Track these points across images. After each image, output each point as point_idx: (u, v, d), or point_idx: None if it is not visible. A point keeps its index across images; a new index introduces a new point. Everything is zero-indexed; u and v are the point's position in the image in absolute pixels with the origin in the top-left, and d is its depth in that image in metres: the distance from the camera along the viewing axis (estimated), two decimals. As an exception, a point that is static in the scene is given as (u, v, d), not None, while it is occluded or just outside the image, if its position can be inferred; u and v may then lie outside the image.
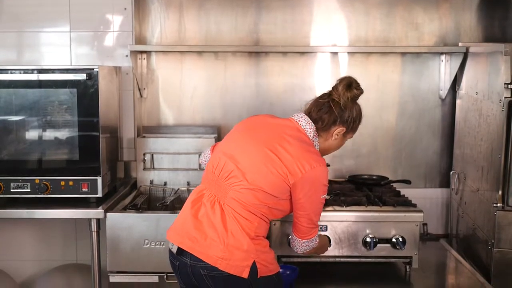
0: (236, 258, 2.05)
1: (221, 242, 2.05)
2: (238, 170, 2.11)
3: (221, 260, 2.05)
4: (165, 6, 3.32)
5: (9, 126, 2.87)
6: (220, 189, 2.14)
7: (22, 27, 3.28)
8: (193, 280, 2.13)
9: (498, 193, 2.63)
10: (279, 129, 2.21)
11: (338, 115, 2.22)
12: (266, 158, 2.10)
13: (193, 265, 2.09)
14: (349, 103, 2.22)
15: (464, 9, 3.31)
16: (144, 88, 3.37)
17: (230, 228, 2.07)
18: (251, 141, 2.18)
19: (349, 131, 2.29)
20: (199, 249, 2.08)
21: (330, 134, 2.25)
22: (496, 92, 2.66)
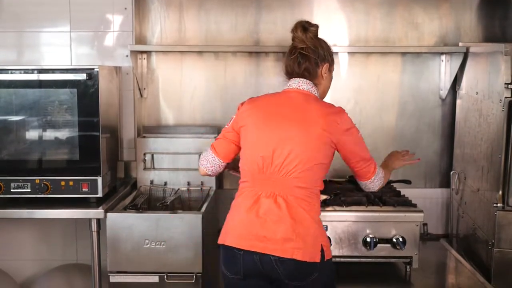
0: (309, 245, 2.10)
1: (293, 233, 2.09)
2: (288, 157, 2.14)
3: (297, 250, 2.08)
4: (165, 6, 3.32)
5: (9, 126, 2.86)
6: (277, 184, 2.16)
7: (22, 27, 3.28)
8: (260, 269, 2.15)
9: (498, 193, 2.63)
10: (290, 101, 2.26)
11: (315, 56, 2.30)
12: (304, 132, 2.16)
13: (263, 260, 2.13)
14: (315, 40, 2.32)
15: (464, 9, 3.31)
16: (144, 88, 3.37)
17: (297, 217, 2.12)
18: (281, 126, 2.20)
19: (331, 64, 2.38)
20: (272, 247, 2.10)
21: (319, 77, 2.33)
22: (496, 92, 2.66)
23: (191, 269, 2.73)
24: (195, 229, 2.72)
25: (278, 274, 2.11)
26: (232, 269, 2.19)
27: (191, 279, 2.73)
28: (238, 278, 2.18)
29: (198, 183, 3.23)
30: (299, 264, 2.08)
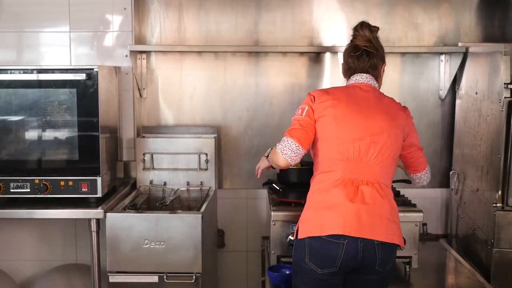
0: (400, 231, 2.29)
1: (392, 219, 2.25)
2: (383, 147, 2.27)
3: (397, 236, 2.25)
4: (164, 6, 3.32)
5: (8, 126, 2.86)
6: (372, 172, 2.26)
7: (22, 27, 3.28)
8: (358, 258, 2.21)
9: (498, 193, 2.64)
10: (369, 94, 2.37)
11: (379, 55, 2.43)
12: (393, 124, 2.30)
13: (366, 246, 2.20)
14: (377, 41, 2.46)
15: (464, 9, 3.31)
16: (143, 88, 3.37)
17: (392, 204, 2.29)
18: (373, 117, 2.30)
19: (385, 64, 2.50)
20: (378, 232, 2.20)
21: (379, 75, 2.47)
22: (496, 92, 2.67)
23: (190, 269, 2.74)
24: (195, 229, 2.72)
25: (375, 260, 2.20)
26: (325, 263, 2.20)
27: (191, 279, 2.73)
28: (329, 272, 2.21)
29: (197, 183, 3.23)
30: (395, 248, 2.25)
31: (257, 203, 3.43)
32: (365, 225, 2.19)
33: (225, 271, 3.50)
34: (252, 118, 3.39)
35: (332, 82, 3.37)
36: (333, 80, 3.37)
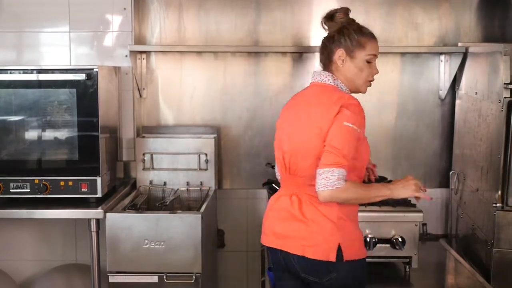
0: (320, 243, 2.11)
1: (306, 231, 2.12)
2: (292, 156, 2.19)
3: (308, 248, 2.12)
4: (164, 6, 3.32)
5: (8, 126, 2.87)
6: (293, 183, 2.20)
7: (21, 27, 3.27)
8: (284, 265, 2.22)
9: (498, 193, 2.63)
10: (303, 97, 2.29)
11: (330, 43, 2.26)
12: (303, 127, 2.17)
13: (284, 256, 2.19)
14: (338, 27, 2.27)
15: (463, 9, 3.32)
16: (143, 88, 3.37)
17: (310, 215, 2.13)
18: (288, 123, 2.25)
19: (355, 48, 2.23)
20: (287, 244, 2.16)
21: (335, 64, 2.25)
22: (496, 92, 2.67)
23: (190, 269, 2.74)
24: (195, 229, 2.72)
25: (297, 270, 2.16)
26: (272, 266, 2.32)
27: (191, 279, 2.73)
28: (277, 276, 2.30)
29: (197, 183, 3.23)
30: (311, 261, 2.11)
31: (257, 203, 3.43)
32: (276, 236, 2.20)
33: (225, 271, 3.50)
34: (252, 118, 3.39)
35: (332, 82, 3.37)
36: (333, 80, 3.37)
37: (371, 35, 2.29)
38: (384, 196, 2.17)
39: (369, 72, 2.29)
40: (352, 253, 2.13)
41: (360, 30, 2.28)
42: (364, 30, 2.28)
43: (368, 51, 2.26)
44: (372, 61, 2.29)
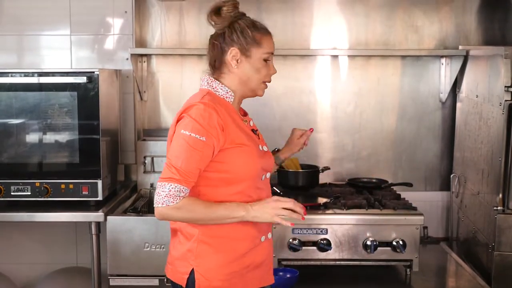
0: (176, 264, 2.01)
1: (172, 249, 2.06)
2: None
3: (168, 266, 2.06)
4: (165, 9, 3.32)
5: (9, 129, 2.86)
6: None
7: (22, 30, 3.28)
8: None
9: (499, 196, 2.63)
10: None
11: (219, 42, 2.03)
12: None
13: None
14: (227, 22, 2.01)
15: (464, 12, 3.32)
16: (144, 91, 3.37)
17: (175, 233, 2.05)
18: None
19: (251, 46, 2.00)
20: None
21: (228, 65, 2.02)
22: (496, 95, 2.66)
23: (191, 273, 2.73)
24: (195, 232, 2.72)
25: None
26: None
27: (191, 282, 2.72)
28: None
29: (198, 186, 3.22)
30: (170, 281, 2.04)
31: (258, 206, 3.42)
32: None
33: (225, 274, 3.49)
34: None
35: (333, 85, 3.38)
36: (333, 83, 3.37)
37: (266, 31, 2.05)
38: (238, 218, 1.92)
39: (266, 73, 2.06)
40: (206, 284, 1.93)
41: (254, 25, 2.02)
42: (258, 25, 2.04)
43: (265, 48, 2.03)
44: (269, 60, 2.06)
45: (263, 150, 2.08)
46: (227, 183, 1.96)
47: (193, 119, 1.90)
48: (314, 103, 3.36)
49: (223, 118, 1.93)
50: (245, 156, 1.97)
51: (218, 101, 2.00)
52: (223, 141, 1.92)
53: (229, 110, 2.01)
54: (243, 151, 1.96)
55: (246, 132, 2.03)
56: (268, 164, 2.09)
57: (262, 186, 2.06)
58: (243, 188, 1.98)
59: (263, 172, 2.05)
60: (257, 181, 2.02)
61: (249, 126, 2.12)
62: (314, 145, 3.37)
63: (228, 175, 1.95)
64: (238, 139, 1.95)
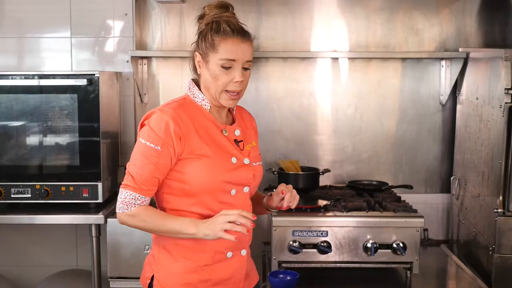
0: (144, 268, 2.03)
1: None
2: None
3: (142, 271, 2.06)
4: (165, 11, 3.33)
5: (9, 131, 2.87)
6: None
7: (23, 32, 3.28)
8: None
9: (499, 199, 2.63)
10: None
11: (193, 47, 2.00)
12: None
13: None
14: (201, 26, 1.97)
15: (464, 14, 3.32)
16: (144, 94, 3.37)
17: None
18: None
19: (208, 51, 1.91)
20: None
21: (197, 69, 1.98)
22: (497, 97, 2.67)
23: (191, 275, 2.73)
24: (195, 235, 2.72)
25: None
26: None
27: (191, 285, 2.72)
28: None
29: (198, 189, 3.22)
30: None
31: (258, 209, 3.43)
32: None
33: (225, 277, 3.49)
34: (253, 123, 3.39)
35: (333, 88, 3.38)
36: (333, 85, 3.38)
37: (230, 33, 1.89)
38: (190, 235, 1.86)
39: (225, 81, 1.90)
40: None
41: (218, 28, 1.90)
42: (225, 28, 1.89)
43: (221, 54, 1.89)
44: (234, 67, 1.90)
45: (240, 163, 1.96)
46: (185, 194, 1.92)
47: (150, 127, 1.87)
48: (315, 106, 3.36)
49: (183, 126, 1.88)
50: (203, 168, 1.89)
51: (191, 107, 1.96)
52: (180, 151, 1.87)
53: (202, 118, 1.95)
54: (202, 163, 1.89)
55: (216, 143, 1.94)
56: (243, 178, 1.97)
57: (232, 201, 1.95)
58: (203, 201, 1.92)
59: (230, 187, 1.94)
60: (220, 195, 1.93)
61: (231, 136, 2.00)
62: (314, 147, 3.38)
63: (185, 186, 1.90)
64: (198, 150, 1.89)
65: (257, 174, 2.04)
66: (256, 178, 2.03)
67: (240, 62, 1.90)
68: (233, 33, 1.89)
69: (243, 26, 1.96)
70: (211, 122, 1.97)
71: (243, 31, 1.93)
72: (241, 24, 1.96)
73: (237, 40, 1.90)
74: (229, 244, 1.96)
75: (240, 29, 1.92)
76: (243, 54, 1.91)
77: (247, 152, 2.03)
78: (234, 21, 1.93)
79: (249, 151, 2.04)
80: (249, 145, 2.06)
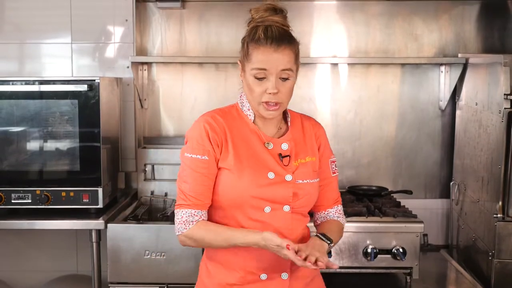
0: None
1: None
2: None
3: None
4: (165, 17, 3.34)
5: (10, 137, 2.88)
6: None
7: (23, 38, 3.30)
8: None
9: (498, 204, 2.63)
10: None
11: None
12: None
13: None
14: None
15: (463, 20, 3.34)
16: (145, 99, 3.39)
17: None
18: None
19: (245, 60, 1.84)
20: None
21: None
22: (496, 102, 2.68)
23: (191, 280, 2.71)
24: (196, 240, 2.72)
25: None
26: None
27: (192, 290, 2.73)
28: None
29: (198, 194, 3.23)
30: None
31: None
32: None
33: (225, 282, 3.50)
34: (252, 128, 3.40)
35: (333, 93, 3.39)
36: (333, 90, 3.39)
37: (263, 41, 1.78)
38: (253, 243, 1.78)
39: (259, 92, 1.81)
40: None
41: (254, 35, 1.80)
42: (260, 35, 1.78)
43: (253, 63, 1.80)
44: (267, 77, 1.80)
45: (280, 179, 1.86)
46: (216, 205, 1.87)
47: (189, 138, 1.87)
48: (315, 111, 3.37)
49: (219, 134, 1.85)
50: (231, 180, 1.83)
51: (234, 116, 1.91)
52: (218, 158, 1.85)
53: (244, 128, 1.90)
54: (232, 175, 1.83)
55: (254, 156, 1.86)
56: (279, 195, 1.85)
57: (267, 219, 1.85)
58: (232, 215, 1.85)
59: (263, 203, 1.84)
60: (251, 212, 1.84)
61: (276, 149, 1.89)
62: (314, 153, 3.38)
63: (215, 197, 1.86)
64: (230, 161, 1.83)
65: (301, 193, 1.88)
66: (299, 196, 1.88)
67: (273, 72, 1.79)
68: (266, 41, 1.78)
69: (289, 31, 1.85)
70: (254, 134, 1.90)
71: (280, 38, 1.79)
72: (286, 29, 1.83)
73: (269, 49, 1.78)
74: (262, 265, 1.86)
75: (277, 36, 1.79)
76: (276, 64, 1.78)
77: (293, 168, 1.89)
78: (275, 27, 1.80)
79: (296, 166, 1.90)
80: (299, 160, 1.92)
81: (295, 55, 1.84)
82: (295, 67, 1.86)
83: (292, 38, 1.84)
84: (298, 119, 2.03)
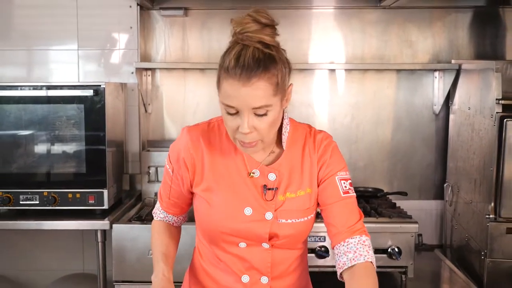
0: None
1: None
2: None
3: None
4: (169, 25, 3.39)
5: (18, 140, 2.91)
6: None
7: (31, 45, 3.33)
8: None
9: (490, 205, 2.66)
10: None
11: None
12: None
13: None
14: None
15: (456, 27, 3.38)
16: (149, 104, 3.43)
17: None
18: None
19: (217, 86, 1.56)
20: None
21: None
22: (488, 107, 2.71)
23: (194, 279, 2.77)
24: (198, 240, 2.76)
25: None
26: None
27: (194, 288, 2.76)
28: None
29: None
30: None
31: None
32: None
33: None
34: (253, 132, 3.44)
35: (331, 98, 3.43)
36: (331, 96, 3.44)
37: (232, 71, 1.41)
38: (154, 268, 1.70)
39: (232, 127, 1.50)
40: None
41: (227, 58, 1.44)
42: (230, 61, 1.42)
43: (222, 96, 1.47)
44: (240, 113, 1.45)
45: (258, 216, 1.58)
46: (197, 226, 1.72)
47: (169, 150, 1.71)
48: (313, 115, 3.41)
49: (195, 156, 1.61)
50: (203, 211, 1.62)
51: (222, 134, 1.64)
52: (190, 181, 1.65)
53: (229, 150, 1.62)
54: (204, 206, 1.61)
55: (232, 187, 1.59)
56: (253, 234, 1.59)
57: (244, 255, 1.62)
58: (208, 242, 1.68)
59: (236, 239, 1.60)
60: (226, 246, 1.62)
61: (262, 180, 1.60)
62: (312, 156, 3.42)
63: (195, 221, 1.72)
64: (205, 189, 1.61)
65: (282, 234, 1.60)
66: (280, 238, 1.60)
67: (243, 110, 1.44)
68: (235, 71, 1.41)
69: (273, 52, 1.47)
70: (239, 158, 1.60)
71: (255, 67, 1.41)
72: (267, 52, 1.45)
73: (237, 83, 1.41)
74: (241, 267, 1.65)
75: (250, 65, 1.41)
76: (246, 101, 1.42)
77: (277, 204, 1.60)
78: (251, 52, 1.42)
79: (282, 202, 1.60)
80: (287, 194, 1.61)
81: (274, 85, 1.47)
82: (276, 98, 1.50)
83: (273, 63, 1.47)
84: (301, 138, 1.68)
